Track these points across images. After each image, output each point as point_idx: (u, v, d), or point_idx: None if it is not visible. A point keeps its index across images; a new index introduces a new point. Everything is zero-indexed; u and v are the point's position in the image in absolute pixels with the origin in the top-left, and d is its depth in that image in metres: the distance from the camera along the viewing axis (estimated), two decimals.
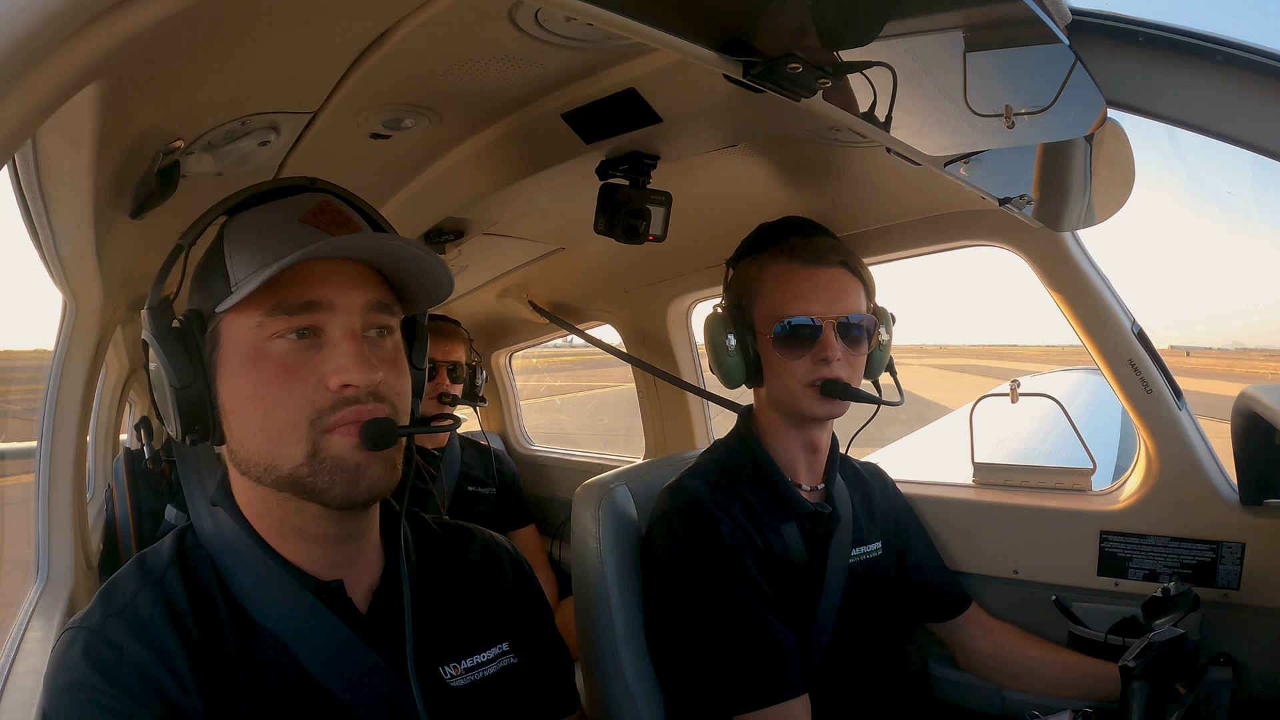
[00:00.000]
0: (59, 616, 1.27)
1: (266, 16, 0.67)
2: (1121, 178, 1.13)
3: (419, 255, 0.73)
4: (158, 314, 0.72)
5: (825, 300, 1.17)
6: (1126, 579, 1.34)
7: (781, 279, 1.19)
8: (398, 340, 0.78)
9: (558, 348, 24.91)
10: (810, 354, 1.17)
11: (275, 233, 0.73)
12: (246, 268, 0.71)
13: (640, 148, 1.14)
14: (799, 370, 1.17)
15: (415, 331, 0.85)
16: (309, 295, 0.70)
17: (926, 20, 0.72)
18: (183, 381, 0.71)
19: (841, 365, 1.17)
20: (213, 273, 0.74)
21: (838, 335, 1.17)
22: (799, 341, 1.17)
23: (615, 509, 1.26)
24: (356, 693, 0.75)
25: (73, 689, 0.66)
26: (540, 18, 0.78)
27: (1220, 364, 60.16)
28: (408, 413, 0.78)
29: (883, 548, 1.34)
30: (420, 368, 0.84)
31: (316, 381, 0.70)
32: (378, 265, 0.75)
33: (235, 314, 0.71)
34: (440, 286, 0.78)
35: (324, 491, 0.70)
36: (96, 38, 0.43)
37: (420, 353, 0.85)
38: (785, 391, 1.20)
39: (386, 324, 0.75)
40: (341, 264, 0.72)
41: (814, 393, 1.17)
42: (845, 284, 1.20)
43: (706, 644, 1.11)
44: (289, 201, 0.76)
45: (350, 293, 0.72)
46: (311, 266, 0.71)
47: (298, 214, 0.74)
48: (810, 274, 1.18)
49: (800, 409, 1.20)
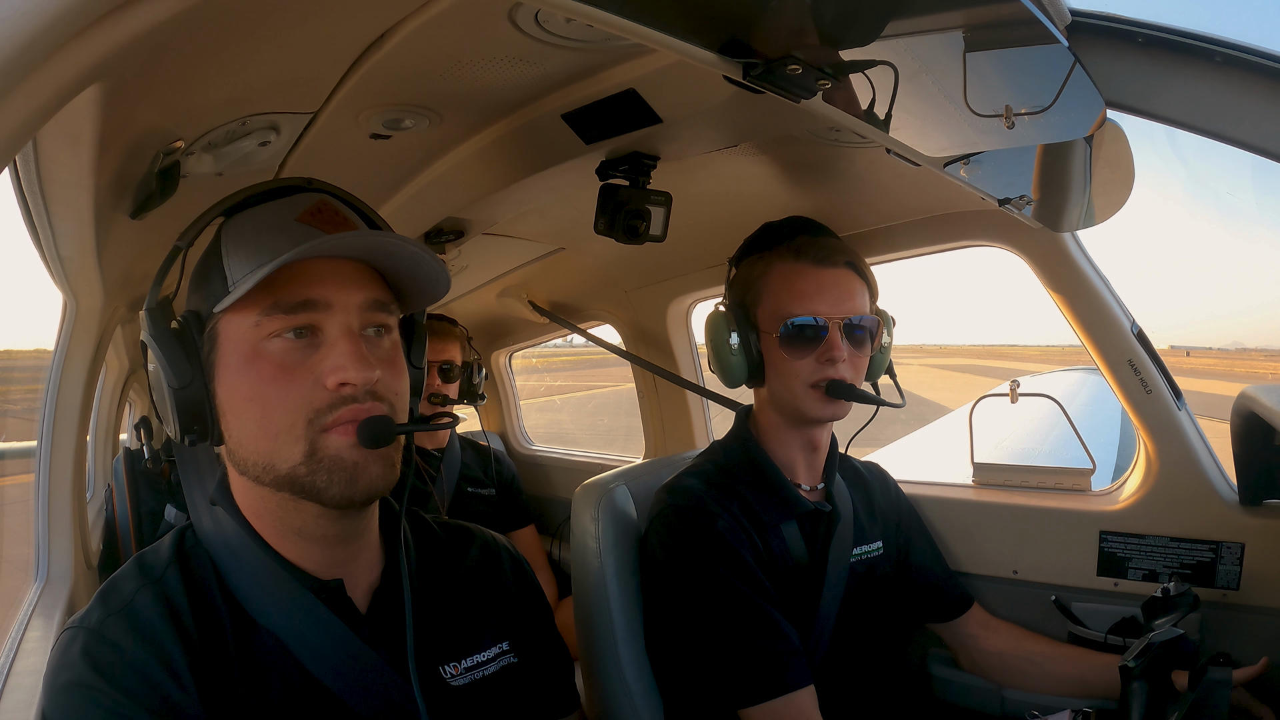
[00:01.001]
0: (59, 616, 1.27)
1: (266, 17, 0.67)
2: (1121, 178, 1.13)
3: (415, 253, 0.72)
4: (156, 315, 0.72)
5: (832, 300, 1.17)
6: (1126, 579, 1.34)
7: (788, 278, 1.19)
8: (396, 339, 0.78)
9: (558, 348, 24.91)
10: (815, 354, 1.16)
11: (272, 233, 0.73)
12: (243, 268, 0.71)
13: (640, 148, 1.14)
14: (803, 370, 1.17)
15: (414, 330, 0.85)
16: (305, 294, 0.70)
17: (926, 21, 0.72)
18: (181, 382, 0.71)
19: (845, 366, 1.16)
20: (210, 273, 0.74)
21: (843, 336, 1.17)
22: (804, 341, 1.17)
23: (615, 509, 1.26)
24: (356, 692, 0.75)
25: (72, 689, 0.66)
26: (540, 18, 0.78)
27: (1220, 364, 60.14)
28: (406, 411, 0.77)
29: (883, 547, 1.34)
30: (419, 366, 0.84)
31: (314, 381, 0.70)
32: (374, 264, 0.75)
33: (233, 314, 0.71)
34: (437, 285, 0.77)
35: (322, 491, 0.70)
36: (98, 40, 0.43)
37: (419, 351, 0.85)
38: (788, 392, 1.20)
39: (384, 323, 0.75)
40: (339, 263, 0.72)
41: (818, 393, 1.17)
42: (851, 285, 1.19)
43: (707, 639, 1.11)
44: (286, 202, 0.76)
45: (347, 291, 0.72)
46: (308, 266, 0.71)
47: (294, 214, 0.74)
48: (817, 274, 1.18)
49: (802, 409, 1.19)
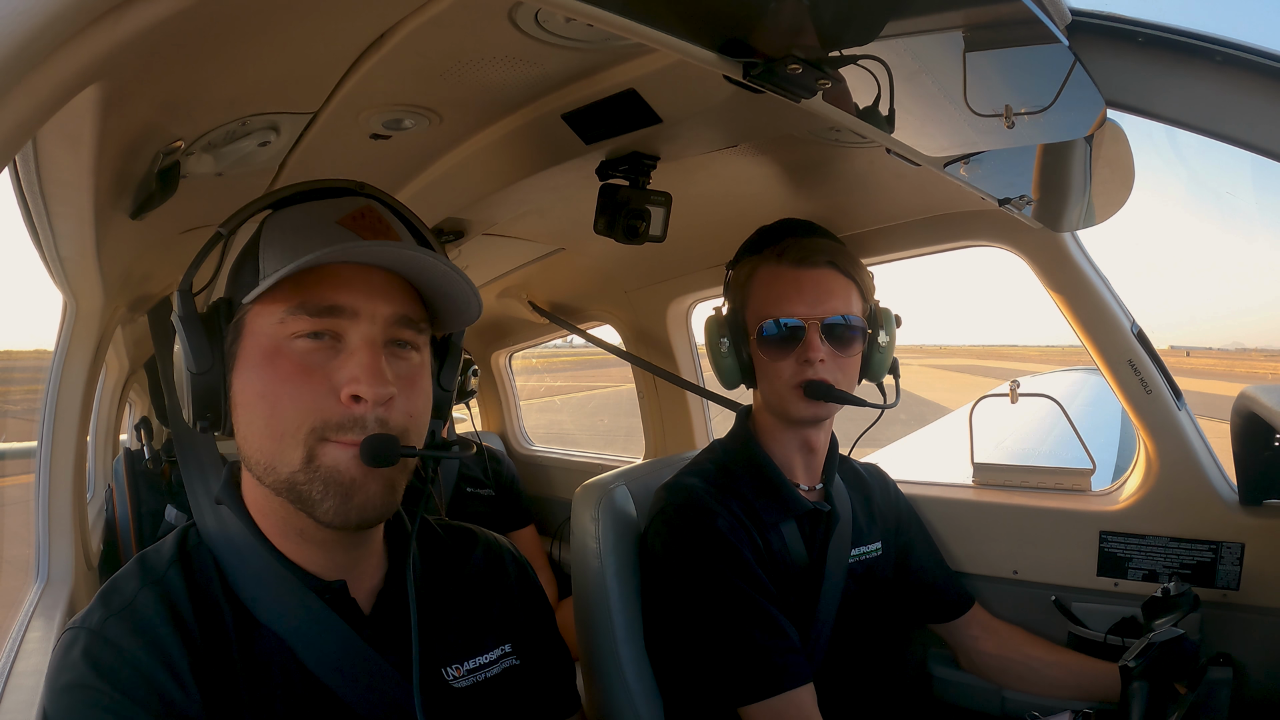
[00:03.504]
0: (59, 617, 1.26)
1: (266, 17, 0.67)
2: (1121, 178, 1.13)
3: (446, 272, 0.71)
4: (186, 297, 0.71)
5: (810, 301, 1.17)
6: (1126, 579, 1.34)
7: (769, 280, 1.20)
8: (424, 358, 0.76)
9: (557, 348, 24.89)
10: (794, 355, 1.17)
11: (309, 232, 0.72)
12: (275, 263, 0.71)
13: (640, 148, 1.14)
14: (785, 371, 1.18)
15: (448, 352, 0.84)
16: (333, 299, 0.69)
17: (926, 20, 0.72)
18: (200, 367, 0.71)
19: (827, 367, 1.16)
20: (246, 264, 0.74)
21: (822, 336, 1.17)
22: (783, 343, 1.18)
23: (615, 509, 1.26)
24: (359, 693, 0.75)
25: (73, 690, 0.65)
26: (540, 18, 0.78)
27: (1220, 364, 60.15)
28: (422, 434, 0.75)
29: (883, 548, 1.34)
30: (447, 390, 0.83)
31: (328, 388, 0.69)
32: (407, 277, 0.73)
33: (260, 308, 0.70)
34: (469, 308, 0.75)
35: (315, 504, 0.69)
36: (97, 39, 0.43)
37: (450, 375, 0.83)
38: (774, 393, 1.21)
39: (411, 339, 0.74)
40: (371, 272, 0.71)
41: (799, 394, 1.17)
42: (832, 284, 1.19)
43: (707, 637, 1.11)
44: (331, 203, 0.75)
45: (375, 302, 0.70)
46: (340, 271, 0.70)
47: (336, 216, 0.73)
48: (796, 275, 1.18)
49: (787, 410, 1.20)
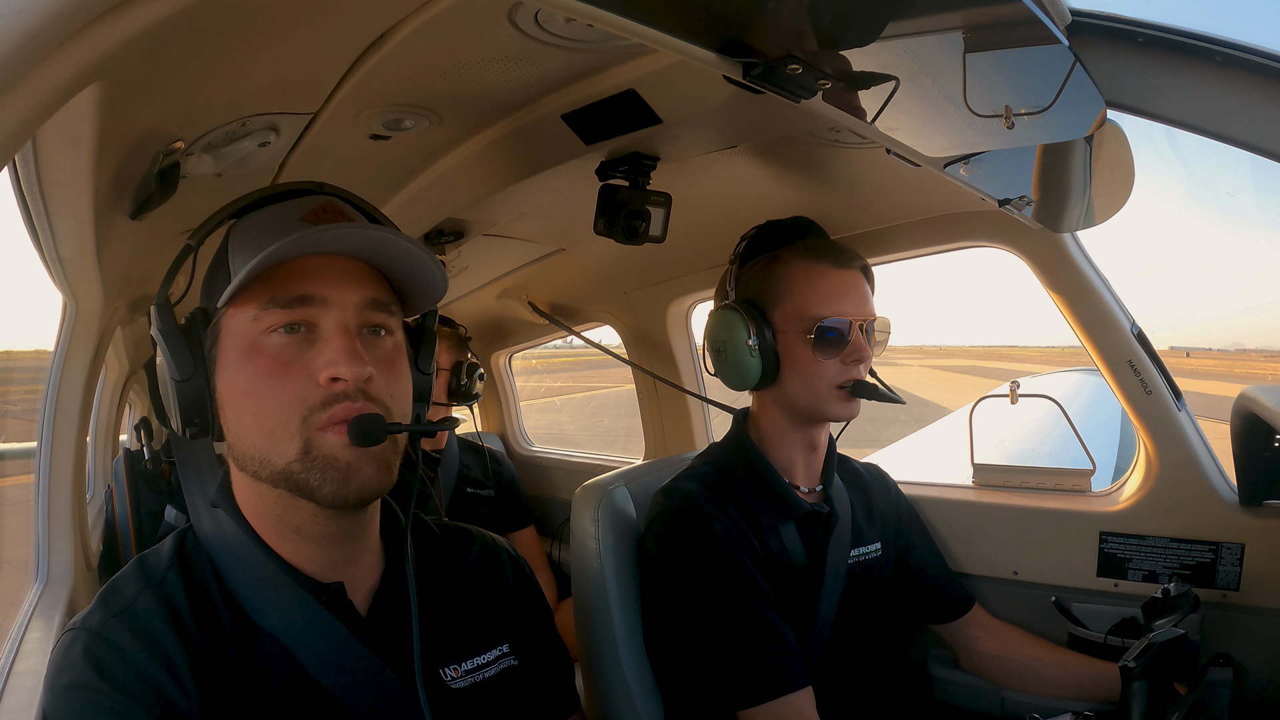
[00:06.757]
0: (59, 617, 1.26)
1: (266, 17, 0.67)
2: (1121, 179, 1.13)
3: (410, 249, 0.72)
4: (164, 310, 0.73)
5: (855, 302, 1.19)
6: (1126, 580, 1.34)
7: (813, 279, 1.19)
8: (398, 341, 0.78)
9: (558, 349, 24.91)
10: (842, 355, 1.17)
11: (274, 231, 0.73)
12: (244, 265, 0.72)
13: (640, 149, 1.14)
14: (829, 371, 1.18)
15: (423, 336, 0.85)
16: (302, 289, 0.70)
17: (926, 21, 0.72)
18: (183, 375, 0.72)
19: (864, 366, 1.19)
20: (217, 271, 0.76)
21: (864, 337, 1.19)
22: (833, 343, 1.17)
23: (615, 510, 1.26)
24: (357, 695, 0.75)
25: (73, 690, 0.66)
26: (540, 19, 0.78)
27: (1220, 365, 60.16)
28: (405, 415, 0.77)
29: (882, 549, 1.34)
30: (426, 372, 0.84)
31: (309, 377, 0.70)
32: (373, 262, 0.75)
33: (234, 309, 0.71)
34: (435, 285, 0.77)
35: (315, 490, 0.70)
36: (96, 39, 0.43)
37: (426, 357, 0.85)
38: (809, 393, 1.19)
39: (384, 323, 0.75)
40: (337, 260, 0.73)
41: (842, 394, 1.18)
42: (865, 288, 1.22)
43: (705, 641, 1.11)
44: (294, 203, 0.77)
45: (345, 289, 0.72)
46: (307, 263, 0.71)
47: (299, 214, 0.75)
48: (840, 275, 1.19)
49: (823, 410, 1.20)
